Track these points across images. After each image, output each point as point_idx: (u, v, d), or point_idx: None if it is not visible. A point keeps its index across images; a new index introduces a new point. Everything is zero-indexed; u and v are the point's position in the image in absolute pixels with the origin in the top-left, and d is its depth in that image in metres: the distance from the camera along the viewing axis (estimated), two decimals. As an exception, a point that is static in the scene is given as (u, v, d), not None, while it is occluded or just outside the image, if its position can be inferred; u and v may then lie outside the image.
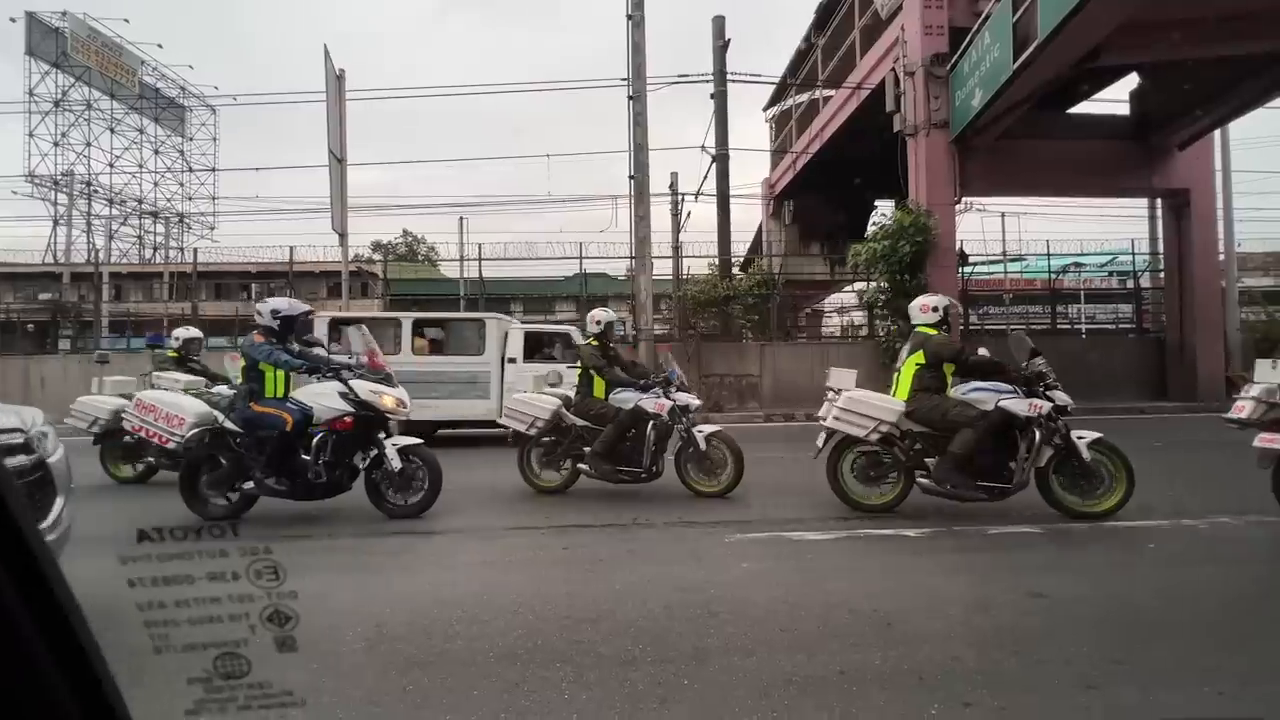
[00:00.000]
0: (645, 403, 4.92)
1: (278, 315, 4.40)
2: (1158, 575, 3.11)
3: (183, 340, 6.14)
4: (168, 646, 0.86)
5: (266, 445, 4.17)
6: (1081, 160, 12.47)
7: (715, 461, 4.93)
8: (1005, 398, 4.10)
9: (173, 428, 4.45)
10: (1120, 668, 2.18)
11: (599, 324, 5.28)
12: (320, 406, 4.26)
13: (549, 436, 5.14)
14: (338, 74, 11.46)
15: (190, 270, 14.48)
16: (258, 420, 4.23)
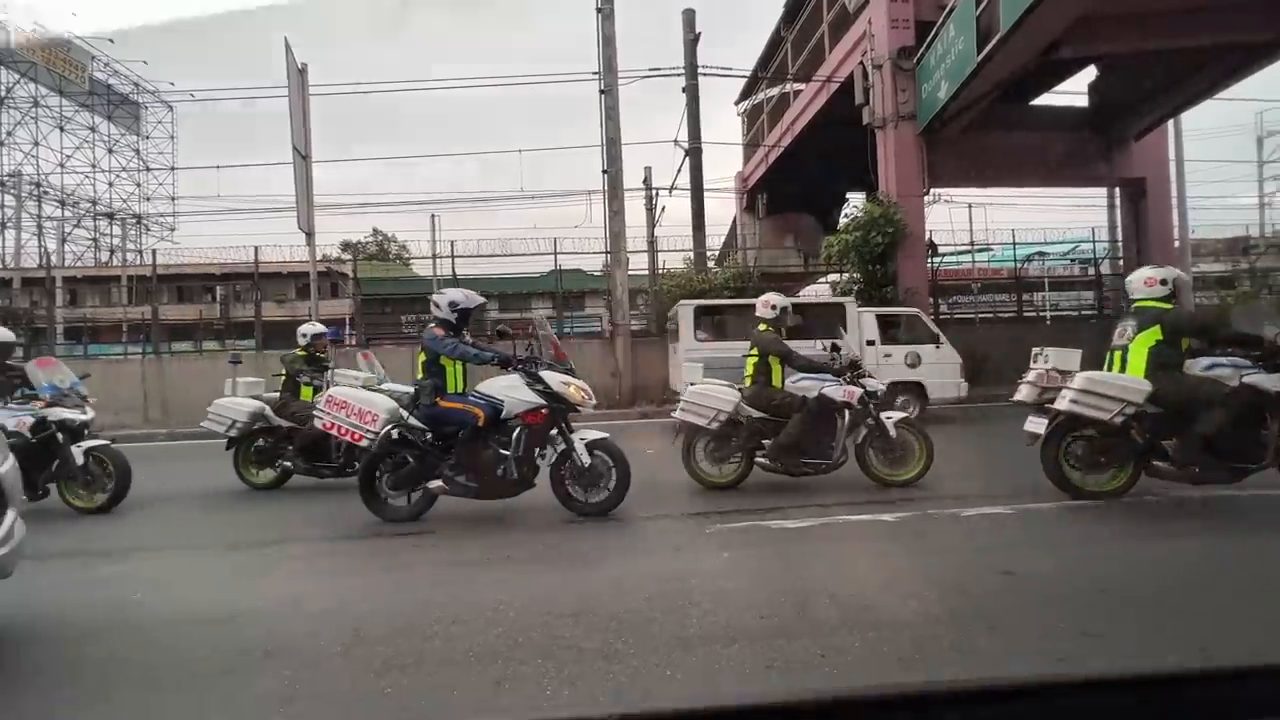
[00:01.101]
0: (831, 390, 4.67)
1: (455, 308, 4.32)
2: (1123, 550, 3.22)
3: (310, 337, 5.89)
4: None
5: (451, 442, 4.10)
6: (1043, 151, 12.80)
7: (905, 449, 4.70)
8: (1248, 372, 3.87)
9: (366, 424, 4.19)
10: (1090, 640, 2.25)
11: (774, 308, 4.97)
12: (511, 399, 4.12)
13: (261, 439, 5.37)
14: (300, 69, 11.15)
15: (150, 273, 13.98)
16: (445, 416, 4.13)
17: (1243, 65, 10.65)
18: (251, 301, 14.87)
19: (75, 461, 4.66)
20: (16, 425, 4.55)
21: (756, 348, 4.86)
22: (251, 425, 5.42)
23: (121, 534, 4.29)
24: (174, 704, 2.05)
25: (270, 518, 4.60)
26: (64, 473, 4.71)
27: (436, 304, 4.36)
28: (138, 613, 2.87)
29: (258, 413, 5.43)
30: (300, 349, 5.86)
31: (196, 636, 2.55)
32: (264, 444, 5.47)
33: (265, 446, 5.47)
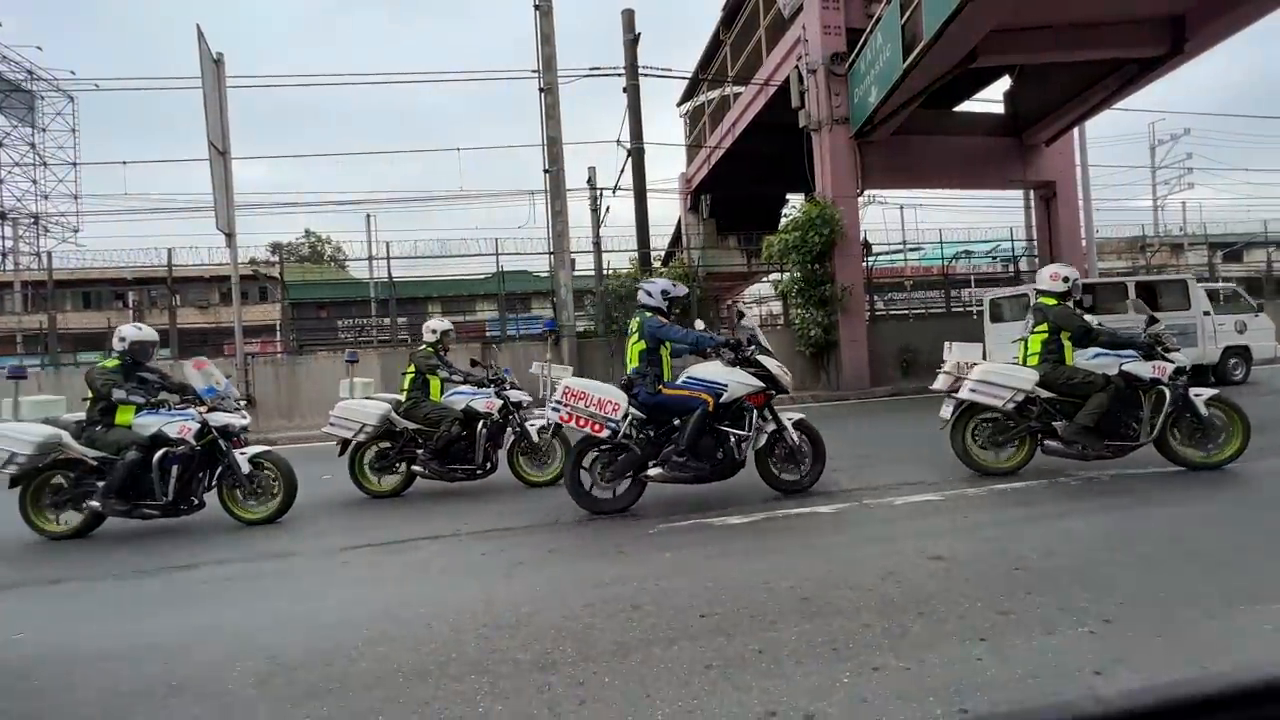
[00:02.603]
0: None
1: (666, 295, 4.48)
2: (1038, 531, 3.40)
3: (440, 333, 5.60)
4: None
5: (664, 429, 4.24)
6: (966, 155, 13.53)
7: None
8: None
9: (608, 414, 4.12)
10: (1007, 618, 2.35)
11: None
12: (734, 383, 4.25)
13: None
14: (215, 58, 10.46)
15: (47, 278, 12.78)
16: (668, 403, 4.23)
17: (1137, 77, 11.58)
18: (166, 308, 13.84)
19: (241, 469, 4.42)
20: (180, 432, 4.36)
21: (1046, 323, 4.56)
22: (381, 429, 5.16)
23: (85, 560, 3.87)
24: None
25: (182, 540, 4.26)
26: (229, 481, 4.47)
27: (648, 292, 4.51)
28: (15, 654, 2.58)
29: (386, 415, 5.15)
30: (428, 345, 5.57)
31: (86, 676, 2.31)
32: (388, 447, 5.25)
33: (390, 450, 5.23)
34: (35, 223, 28.71)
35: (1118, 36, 10.46)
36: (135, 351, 4.63)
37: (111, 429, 4.40)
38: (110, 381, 4.38)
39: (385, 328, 14.28)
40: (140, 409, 4.39)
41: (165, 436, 4.34)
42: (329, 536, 4.14)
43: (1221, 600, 2.44)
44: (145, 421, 4.39)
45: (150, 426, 4.37)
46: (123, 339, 4.62)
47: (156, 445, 4.32)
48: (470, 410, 5.19)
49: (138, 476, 4.26)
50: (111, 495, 4.23)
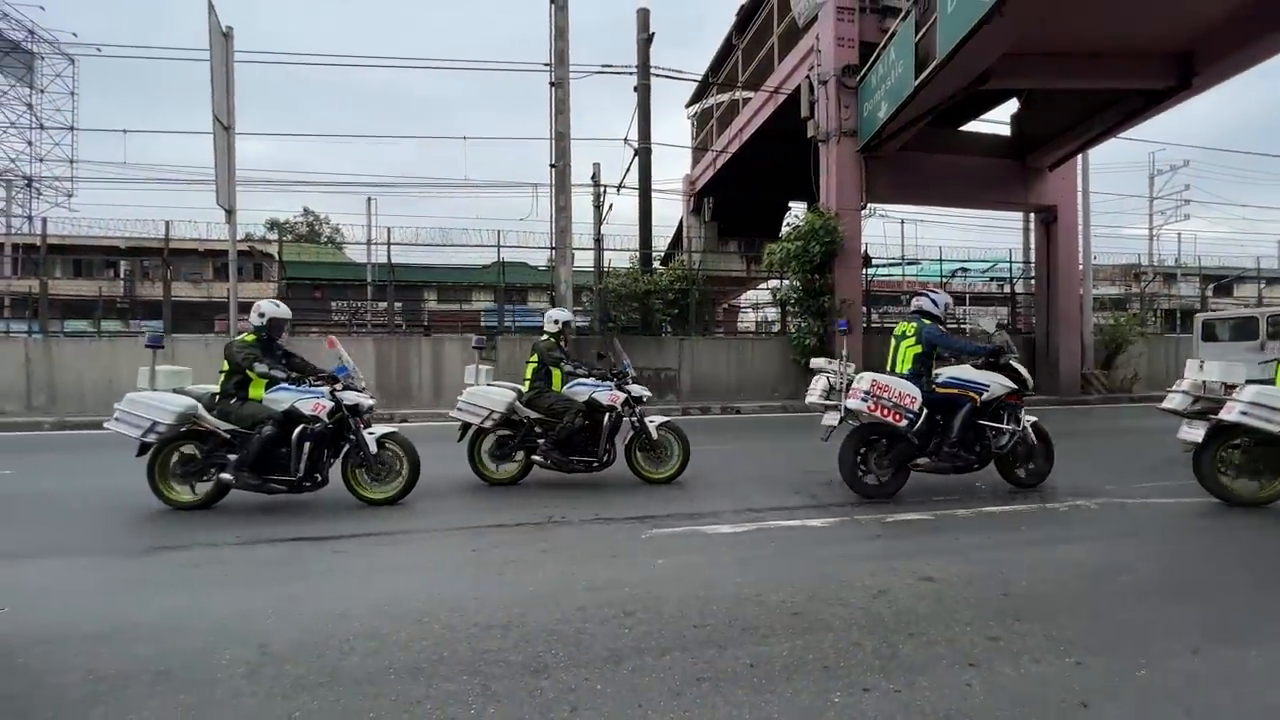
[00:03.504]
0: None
1: (948, 309, 4.99)
2: (1029, 556, 3.44)
3: (562, 324, 5.50)
4: None
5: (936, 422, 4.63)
6: (969, 174, 13.62)
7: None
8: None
9: (907, 405, 4.47)
10: (997, 644, 2.38)
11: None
12: (995, 384, 4.71)
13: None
14: (224, 31, 10.34)
15: (40, 242, 12.59)
16: (942, 400, 4.65)
17: (1143, 109, 11.69)
18: (161, 279, 13.69)
19: (370, 448, 4.44)
20: (314, 409, 4.37)
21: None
22: (508, 417, 5.14)
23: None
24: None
25: (176, 522, 4.22)
26: (356, 460, 4.49)
27: (934, 302, 4.93)
28: (2, 629, 2.55)
29: (512, 404, 5.12)
30: (551, 335, 5.47)
31: (70, 657, 2.29)
32: (509, 435, 5.22)
33: (510, 439, 5.21)
34: (29, 185, 28.27)
35: (1127, 68, 10.56)
36: (271, 327, 4.62)
37: (246, 403, 4.42)
38: (251, 356, 4.40)
39: (380, 312, 14.19)
40: (277, 384, 4.42)
41: (299, 412, 4.35)
42: (320, 524, 4.11)
43: (1207, 636, 2.48)
44: (278, 397, 4.41)
45: (283, 402, 4.38)
46: (261, 314, 4.60)
47: (289, 421, 4.34)
48: (593, 402, 5.19)
49: (270, 451, 4.29)
50: (245, 469, 4.26)
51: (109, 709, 1.96)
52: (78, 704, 1.99)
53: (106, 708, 1.97)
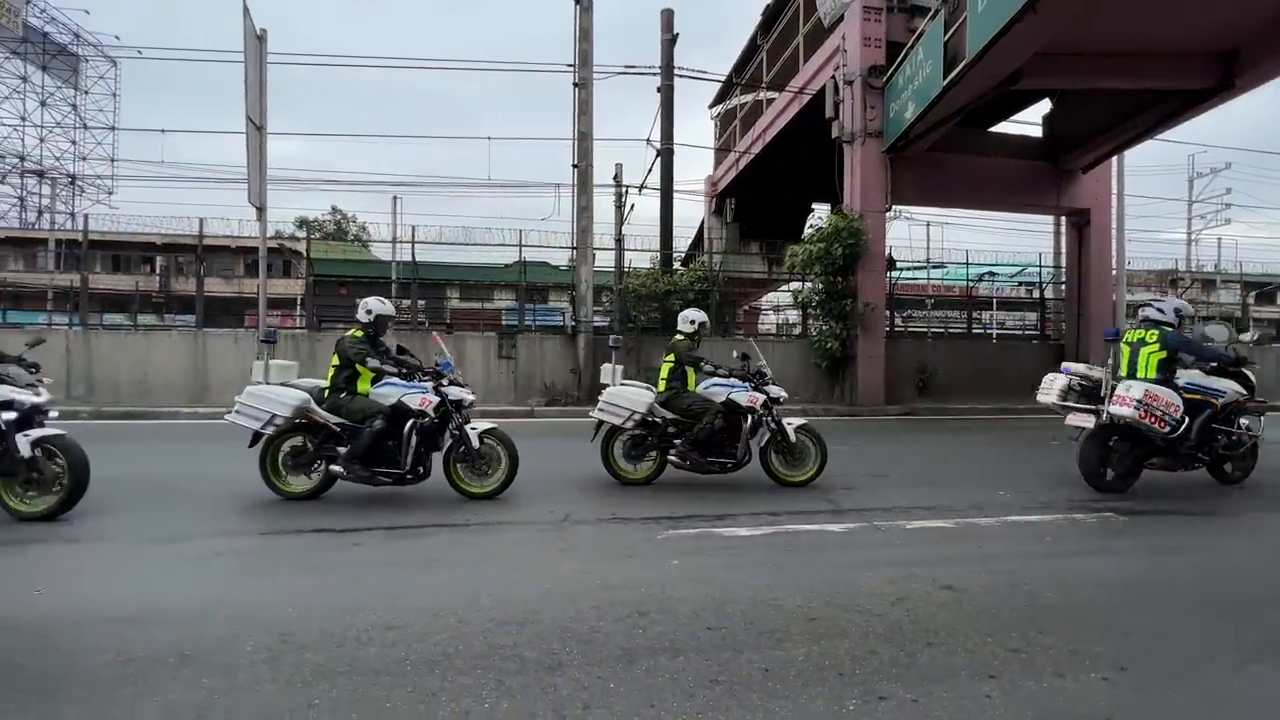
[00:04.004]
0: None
1: (1180, 314, 5.10)
2: (1054, 567, 3.35)
3: (698, 324, 5.49)
4: None
5: None
6: (999, 176, 13.33)
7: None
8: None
9: (1170, 413, 4.69)
10: (1018, 657, 2.32)
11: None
12: (1230, 390, 5.05)
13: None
14: (258, 34, 10.59)
15: (81, 238, 13.05)
16: (1187, 404, 4.80)
17: (1181, 110, 11.32)
18: (194, 275, 14.09)
19: (473, 443, 4.51)
20: (421, 404, 4.46)
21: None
22: (646, 418, 5.08)
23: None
24: (67, 717, 1.88)
25: (205, 510, 4.34)
26: (458, 454, 4.57)
27: (1161, 310, 5.08)
28: (35, 610, 2.64)
29: (651, 404, 5.07)
30: (686, 335, 5.44)
31: (100, 638, 2.36)
32: (642, 435, 5.18)
33: (646, 439, 5.18)
34: (72, 183, 29.31)
35: (1166, 67, 10.23)
36: (378, 324, 4.73)
37: (355, 397, 4.53)
38: (362, 351, 4.51)
39: (404, 310, 14.40)
40: (384, 378, 4.51)
41: (406, 407, 4.44)
42: (340, 518, 4.18)
43: (1247, 654, 2.39)
44: (385, 392, 4.50)
45: (390, 397, 4.47)
46: (369, 311, 4.71)
47: (396, 415, 4.43)
48: (732, 403, 5.13)
49: (378, 444, 4.39)
50: (355, 461, 4.37)
51: (136, 690, 2.02)
52: (107, 684, 2.05)
53: (134, 689, 2.02)
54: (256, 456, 4.50)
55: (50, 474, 3.95)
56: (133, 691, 2.01)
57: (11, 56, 27.03)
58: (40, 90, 28.27)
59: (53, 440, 3.93)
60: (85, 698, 1.97)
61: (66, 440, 3.96)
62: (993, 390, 12.52)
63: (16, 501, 3.94)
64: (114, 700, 1.96)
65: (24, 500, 3.95)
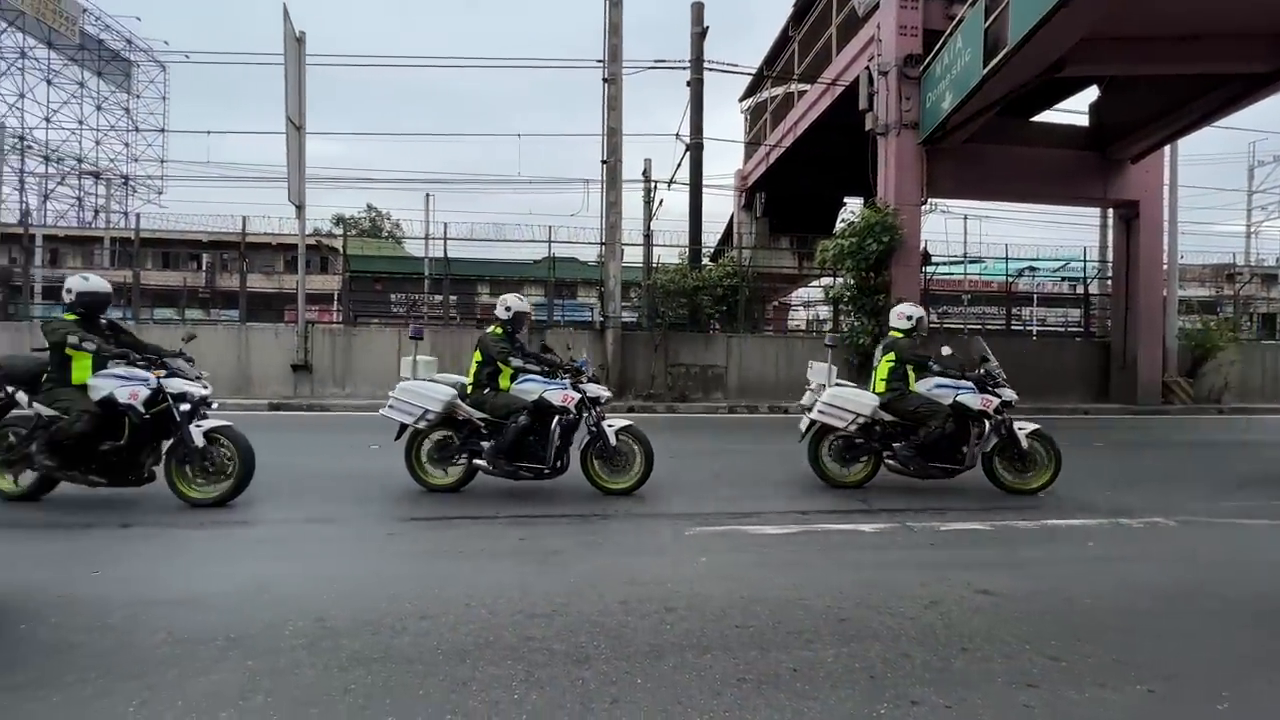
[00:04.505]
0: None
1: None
2: (1096, 573, 3.23)
3: (515, 313, 4.94)
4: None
5: None
6: (1041, 168, 12.85)
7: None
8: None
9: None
10: (1058, 665, 2.25)
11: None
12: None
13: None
14: (298, 36, 10.89)
15: (133, 236, 13.65)
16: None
17: (1242, 95, 10.72)
18: (237, 271, 14.61)
19: (610, 440, 4.60)
20: (563, 400, 4.53)
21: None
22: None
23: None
24: (121, 692, 1.98)
25: (243, 498, 4.50)
26: (595, 450, 4.64)
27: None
28: (92, 591, 2.79)
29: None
30: (901, 331, 5.12)
31: (152, 619, 2.48)
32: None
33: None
34: (125, 183, 30.67)
35: (1223, 50, 9.69)
36: (515, 320, 4.83)
37: (499, 393, 4.64)
38: (505, 350, 4.62)
39: (436, 305, 14.67)
40: (526, 375, 4.60)
41: (548, 403, 4.52)
42: (374, 506, 4.29)
43: (1300, 671, 2.27)
44: (526, 388, 4.59)
45: (531, 393, 4.56)
46: (508, 308, 4.81)
47: (538, 411, 4.53)
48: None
49: (522, 439, 4.50)
50: (501, 456, 4.47)
51: (184, 670, 2.11)
52: (158, 663, 2.15)
53: (182, 669, 2.12)
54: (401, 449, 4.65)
55: (220, 462, 4.18)
56: (180, 672, 2.10)
57: (70, 63, 28.37)
58: (96, 95, 29.63)
59: (221, 430, 4.18)
60: (138, 675, 2.07)
61: (233, 430, 4.20)
62: (1032, 389, 12.09)
63: (189, 488, 4.15)
64: (164, 679, 2.05)
65: (195, 487, 4.16)
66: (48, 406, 4.07)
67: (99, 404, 3.99)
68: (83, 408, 3.97)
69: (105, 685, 2.02)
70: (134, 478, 4.16)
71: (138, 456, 4.14)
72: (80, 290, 4.19)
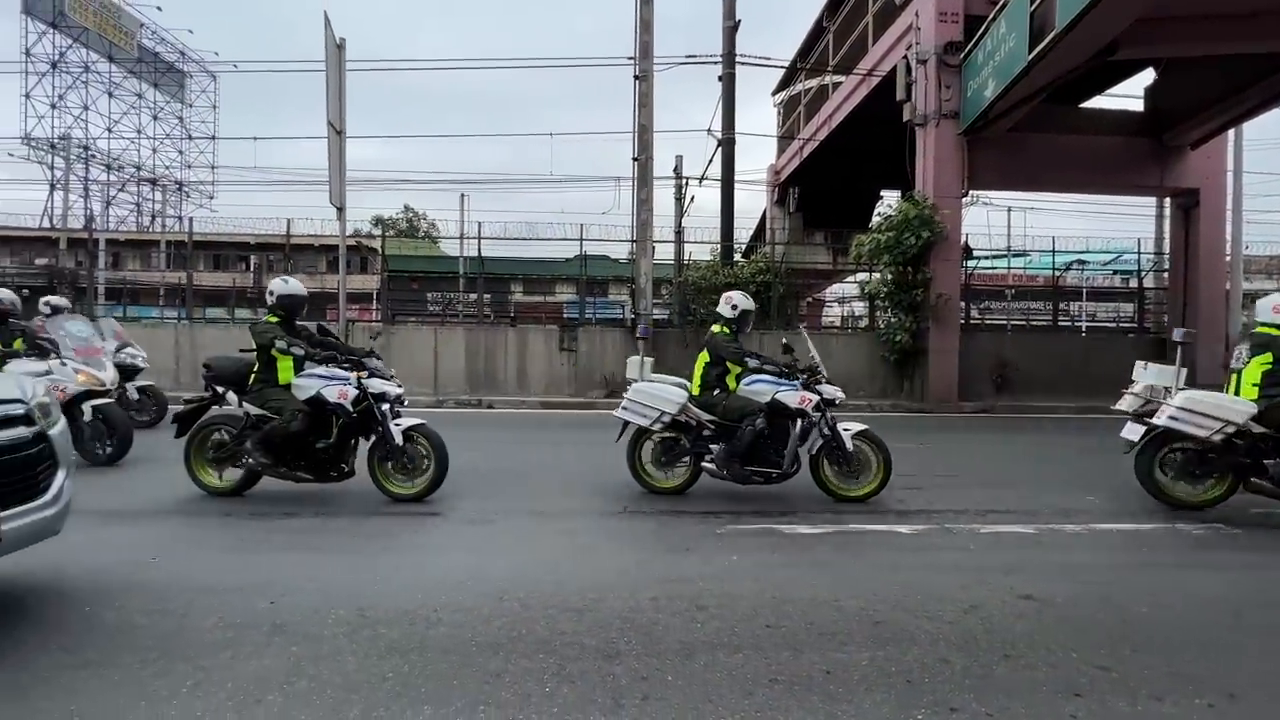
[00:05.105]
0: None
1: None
2: (1150, 580, 3.08)
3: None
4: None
5: None
6: (1092, 156, 12.29)
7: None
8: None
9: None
10: (1108, 675, 2.15)
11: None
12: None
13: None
14: (338, 43, 11.20)
15: (187, 239, 14.31)
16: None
17: (1315, 74, 10.05)
18: (282, 272, 15.17)
19: (846, 444, 4.40)
20: (800, 403, 4.37)
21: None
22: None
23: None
24: (178, 673, 2.08)
25: (287, 490, 4.68)
26: (827, 451, 4.45)
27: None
28: (152, 576, 2.94)
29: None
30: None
31: (206, 605, 2.59)
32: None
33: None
34: (179, 189, 32.18)
35: (1293, 26, 9.08)
36: (741, 319, 4.72)
37: (731, 395, 4.53)
38: (738, 350, 4.55)
39: (471, 303, 14.94)
40: (756, 375, 4.51)
41: (783, 405, 4.38)
42: (425, 502, 4.39)
43: (1377, 690, 2.12)
44: (759, 389, 4.46)
45: (764, 394, 4.43)
46: (734, 306, 4.71)
47: (773, 413, 4.39)
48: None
49: (757, 443, 4.38)
50: (735, 459, 4.35)
51: (235, 653, 2.21)
52: (210, 647, 2.26)
53: (233, 652, 2.22)
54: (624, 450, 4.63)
55: (417, 459, 4.32)
56: (231, 655, 2.20)
57: (129, 76, 29.88)
58: (153, 105, 31.14)
59: (417, 428, 4.30)
60: (192, 657, 2.18)
61: (427, 428, 4.32)
62: (1081, 388, 11.60)
63: (389, 483, 4.30)
64: (216, 662, 2.15)
65: (395, 483, 4.31)
66: (257, 406, 4.26)
67: (306, 403, 4.16)
68: (296, 407, 4.14)
69: (163, 666, 2.12)
70: (335, 474, 4.32)
71: (342, 453, 4.32)
72: (281, 293, 4.42)
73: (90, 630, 2.39)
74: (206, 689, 1.99)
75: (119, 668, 2.11)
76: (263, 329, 4.27)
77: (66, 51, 28.04)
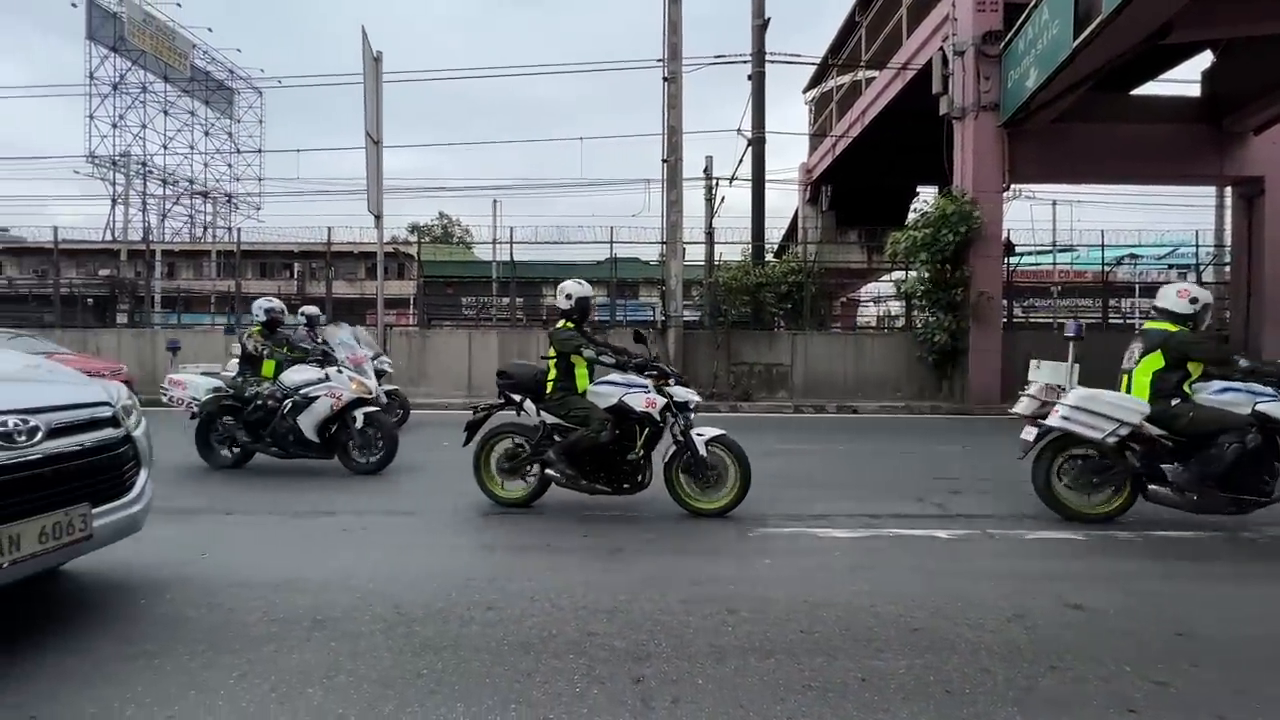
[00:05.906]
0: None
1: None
2: (1208, 590, 2.92)
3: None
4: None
5: None
6: (1144, 145, 11.72)
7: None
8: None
9: None
10: (1165, 690, 2.04)
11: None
12: None
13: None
14: (375, 56, 11.54)
15: (235, 249, 14.95)
16: None
17: (1393, 50, 9.37)
18: (324, 279, 15.72)
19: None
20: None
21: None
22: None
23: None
24: (224, 664, 2.16)
25: (328, 490, 4.82)
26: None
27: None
28: (202, 571, 3.06)
29: None
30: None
31: (252, 599, 2.69)
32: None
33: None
34: (229, 201, 33.65)
35: (1369, 0, 8.49)
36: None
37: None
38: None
39: (504, 307, 15.16)
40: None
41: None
42: (447, 500, 4.47)
43: None
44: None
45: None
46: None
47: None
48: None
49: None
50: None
51: (278, 647, 2.28)
52: (255, 640, 2.34)
53: (276, 646, 2.29)
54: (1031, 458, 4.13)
55: (720, 471, 4.06)
56: (274, 649, 2.27)
57: (183, 94, 31.40)
58: (204, 121, 32.65)
59: (718, 439, 4.03)
60: (238, 650, 2.26)
61: (728, 438, 4.06)
62: (1134, 387, 11.09)
63: (689, 497, 4.07)
64: (260, 655, 2.23)
65: (696, 496, 4.06)
66: (559, 415, 4.08)
67: (607, 411, 3.99)
68: (602, 416, 3.96)
69: (210, 658, 2.21)
70: (629, 486, 4.09)
71: (643, 464, 4.11)
72: (578, 295, 4.21)
73: (145, 622, 2.51)
74: (251, 681, 2.06)
75: (171, 658, 2.21)
76: (565, 336, 4.05)
77: (126, 74, 29.65)
